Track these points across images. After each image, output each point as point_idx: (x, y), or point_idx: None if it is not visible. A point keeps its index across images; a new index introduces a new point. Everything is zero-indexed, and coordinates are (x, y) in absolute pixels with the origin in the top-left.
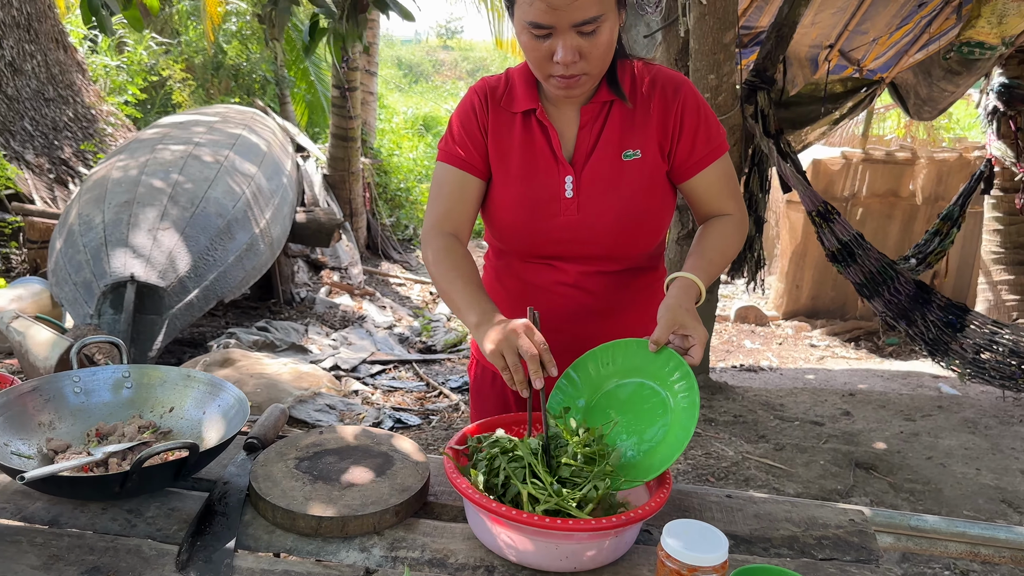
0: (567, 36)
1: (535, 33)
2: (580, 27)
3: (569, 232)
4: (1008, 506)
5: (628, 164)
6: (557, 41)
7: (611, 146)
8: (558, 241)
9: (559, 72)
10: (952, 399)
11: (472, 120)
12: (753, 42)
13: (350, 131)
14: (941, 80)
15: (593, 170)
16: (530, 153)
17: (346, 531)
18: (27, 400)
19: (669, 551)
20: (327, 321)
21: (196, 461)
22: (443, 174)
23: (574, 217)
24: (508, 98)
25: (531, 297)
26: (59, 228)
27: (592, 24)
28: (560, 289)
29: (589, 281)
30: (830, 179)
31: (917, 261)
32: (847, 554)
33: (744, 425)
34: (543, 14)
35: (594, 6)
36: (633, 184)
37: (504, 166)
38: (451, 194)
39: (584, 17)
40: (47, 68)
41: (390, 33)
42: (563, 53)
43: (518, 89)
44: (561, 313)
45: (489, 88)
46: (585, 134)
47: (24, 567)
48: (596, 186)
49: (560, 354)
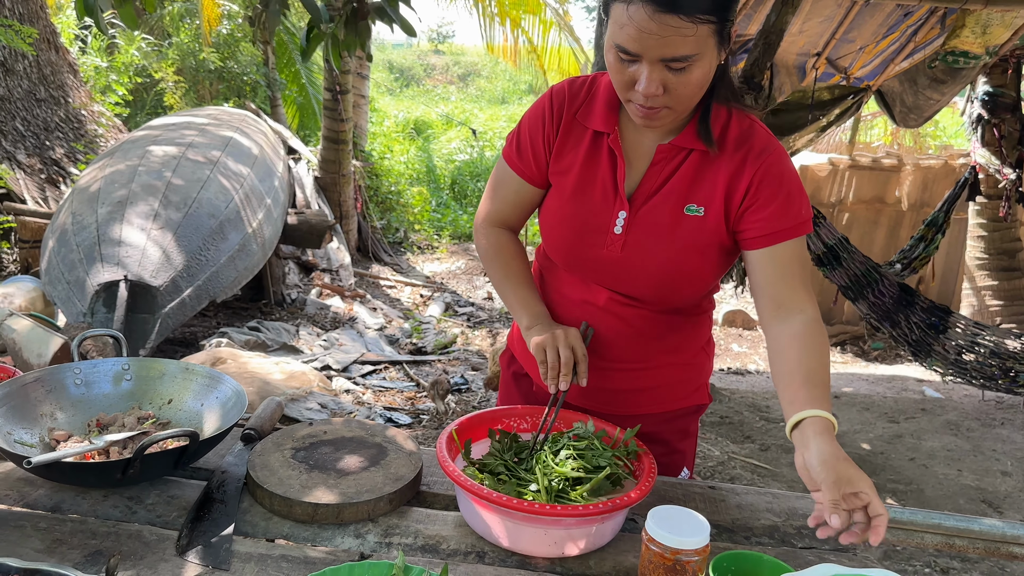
0: (654, 68)
1: (622, 57)
2: (670, 62)
3: (610, 266)
4: (988, 506)
5: (688, 218)
6: (642, 70)
7: (676, 195)
8: (597, 271)
9: (639, 100)
10: (935, 402)
11: (539, 129)
12: (741, 50)
13: (341, 134)
14: (926, 88)
15: (650, 214)
16: (591, 175)
17: (341, 518)
18: (29, 391)
19: (653, 535)
20: (318, 322)
21: (196, 450)
22: (502, 173)
23: (617, 254)
24: (586, 110)
25: (566, 307)
26: (52, 227)
27: (683, 62)
28: (588, 309)
29: (620, 309)
30: (817, 185)
31: (902, 266)
32: (825, 543)
33: (730, 426)
34: (632, 41)
35: (688, 44)
36: (687, 240)
37: (562, 180)
38: (505, 197)
39: (675, 54)
40: (39, 68)
41: (381, 37)
42: (646, 85)
43: (599, 105)
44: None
45: (569, 95)
46: (654, 173)
47: (28, 550)
48: (648, 231)
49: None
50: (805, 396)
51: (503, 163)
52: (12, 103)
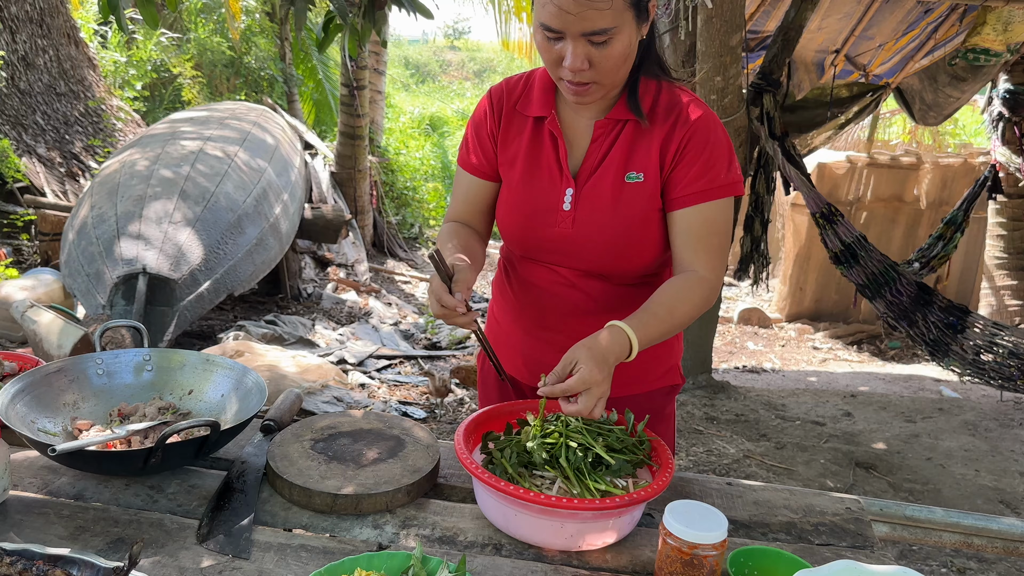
0: (577, 43)
1: (547, 35)
2: (591, 36)
3: (563, 244)
4: (1006, 507)
5: (629, 186)
6: (567, 46)
7: (616, 165)
8: (552, 251)
9: (568, 77)
10: (953, 402)
11: (483, 126)
12: (760, 46)
13: (358, 129)
14: (946, 86)
15: (594, 187)
16: (535, 160)
17: (360, 509)
18: (53, 380)
19: (671, 529)
20: (333, 316)
21: (216, 440)
22: (459, 178)
23: (568, 230)
24: (525, 100)
25: (533, 294)
26: (72, 220)
27: (603, 35)
28: (557, 289)
29: (583, 283)
30: (835, 183)
31: (920, 265)
32: (843, 540)
33: (746, 424)
34: (553, 18)
35: (606, 18)
36: (632, 206)
37: (510, 170)
38: (465, 197)
39: (594, 28)
40: (59, 63)
41: (397, 32)
42: (571, 60)
43: (536, 92)
44: (560, 311)
45: (506, 91)
46: (594, 149)
47: (52, 537)
48: (594, 203)
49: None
50: (634, 315)
51: (458, 168)
52: (33, 97)
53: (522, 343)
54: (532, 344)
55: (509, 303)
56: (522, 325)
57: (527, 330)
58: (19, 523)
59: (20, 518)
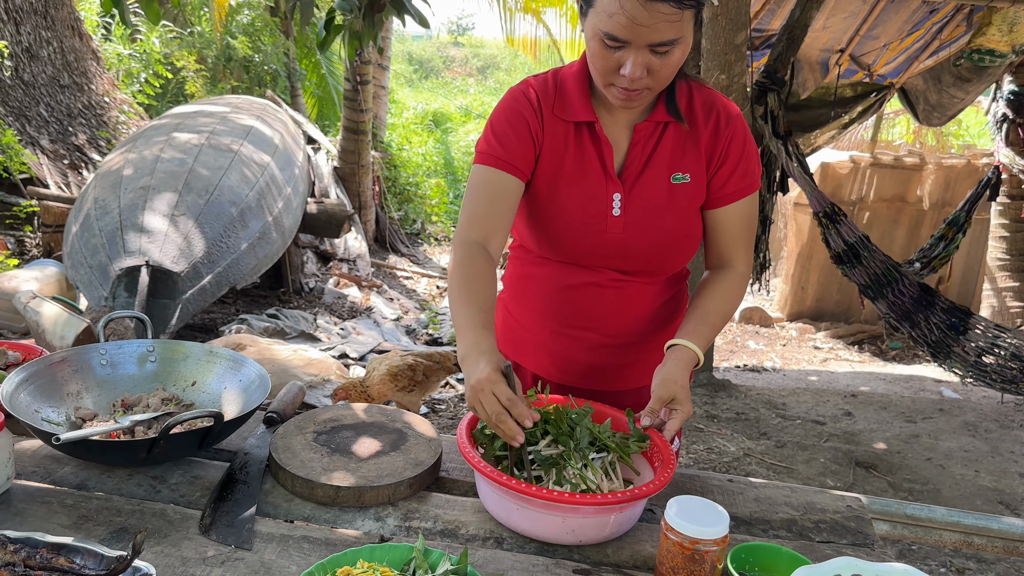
0: (640, 53)
1: (608, 44)
2: (656, 47)
3: (612, 248)
4: (1005, 507)
5: (676, 187)
6: (628, 55)
7: (662, 167)
8: (600, 256)
9: (623, 84)
10: (953, 402)
11: (523, 123)
12: (765, 45)
13: (361, 124)
14: (951, 86)
15: (642, 190)
16: (579, 166)
17: (362, 501)
18: (56, 370)
19: (672, 524)
20: (335, 311)
21: (219, 431)
22: (481, 176)
23: (620, 235)
24: (561, 105)
25: (566, 295)
26: (75, 212)
27: (668, 46)
28: (594, 290)
29: (621, 284)
30: (838, 183)
31: (921, 265)
32: (844, 537)
33: (746, 422)
34: (623, 29)
35: (675, 29)
36: (680, 208)
37: (554, 175)
38: (492, 195)
39: (663, 39)
40: (63, 55)
41: (401, 29)
42: (632, 69)
43: (572, 97)
44: (597, 311)
45: (542, 91)
46: (637, 152)
47: (55, 526)
48: (644, 207)
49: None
50: (691, 328)
51: (479, 168)
52: (36, 89)
53: (551, 342)
54: (563, 343)
55: (534, 303)
56: (550, 326)
57: (556, 331)
58: (22, 512)
59: (23, 507)
